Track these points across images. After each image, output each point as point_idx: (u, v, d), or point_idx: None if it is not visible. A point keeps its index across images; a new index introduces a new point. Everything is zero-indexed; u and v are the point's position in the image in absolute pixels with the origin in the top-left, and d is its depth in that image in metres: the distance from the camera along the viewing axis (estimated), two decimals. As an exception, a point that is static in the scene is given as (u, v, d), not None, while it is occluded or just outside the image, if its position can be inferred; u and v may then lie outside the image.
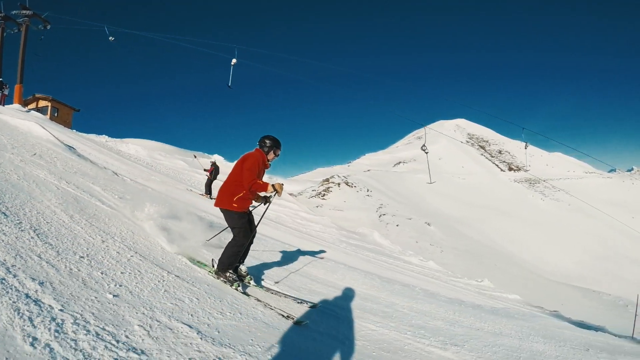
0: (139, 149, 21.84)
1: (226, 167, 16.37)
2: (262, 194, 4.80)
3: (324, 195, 38.51)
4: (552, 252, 55.87)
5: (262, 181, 4.39)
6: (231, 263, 4.42)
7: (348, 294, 6.06)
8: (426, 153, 13.57)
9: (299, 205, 17.78)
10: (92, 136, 25.20)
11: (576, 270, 52.66)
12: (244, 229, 4.47)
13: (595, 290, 39.30)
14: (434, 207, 55.20)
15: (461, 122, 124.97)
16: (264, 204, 4.86)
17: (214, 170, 14.60)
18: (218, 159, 21.31)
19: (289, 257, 7.63)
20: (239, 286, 4.29)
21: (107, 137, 25.75)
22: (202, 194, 14.04)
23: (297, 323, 3.84)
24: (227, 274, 4.39)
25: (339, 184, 42.01)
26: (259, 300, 4.13)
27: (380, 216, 33.09)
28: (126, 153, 20.47)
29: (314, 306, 4.42)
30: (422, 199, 57.52)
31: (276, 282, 5.38)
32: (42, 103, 32.56)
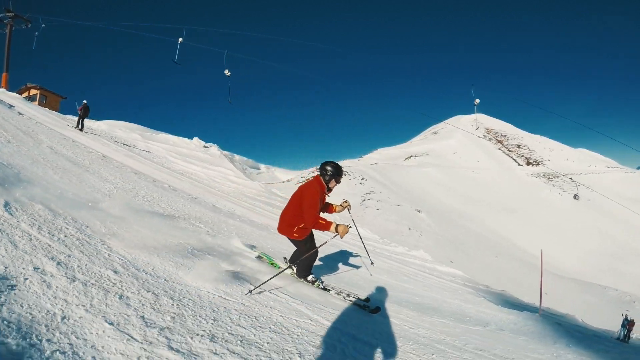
0: (102, 125, 22.23)
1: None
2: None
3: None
4: (563, 248, 53.19)
5: (325, 220, 4.38)
6: (308, 270, 4.99)
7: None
8: (227, 75, 13.16)
9: (235, 172, 17.63)
10: (69, 117, 25.84)
11: (586, 267, 49.97)
12: (311, 246, 4.82)
13: (600, 285, 37.13)
14: (436, 199, 53.66)
15: (479, 116, 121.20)
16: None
17: (83, 109, 18.39)
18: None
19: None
20: (319, 285, 4.97)
21: (82, 117, 26.21)
22: (74, 127, 17.86)
23: (373, 311, 4.57)
24: (309, 278, 5.00)
25: (330, 172, 41.28)
26: (338, 294, 4.89)
27: (363, 201, 32.25)
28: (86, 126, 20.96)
29: (368, 301, 4.84)
30: (425, 190, 56.01)
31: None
32: (32, 91, 34.64)
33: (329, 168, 4.57)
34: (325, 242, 4.80)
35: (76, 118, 19.42)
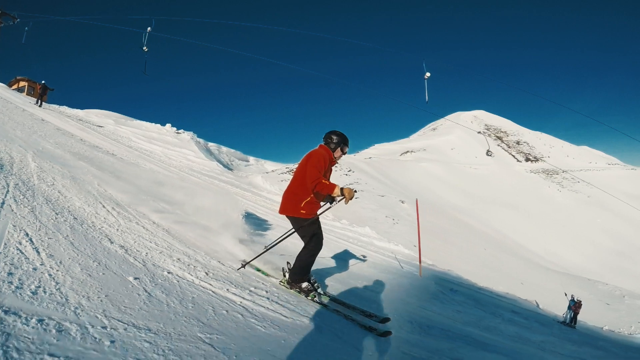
0: (79, 112, 22.71)
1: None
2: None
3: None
4: (561, 245, 52.84)
5: (329, 181, 3.84)
6: (305, 273, 4.04)
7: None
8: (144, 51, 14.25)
9: (196, 153, 18.03)
10: (54, 106, 26.44)
11: (586, 264, 49.42)
12: (316, 236, 4.00)
13: (590, 279, 36.80)
14: (428, 192, 53.55)
15: (479, 113, 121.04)
16: (330, 203, 4.25)
17: (42, 88, 20.46)
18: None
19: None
20: (314, 297, 3.96)
21: (66, 107, 26.71)
22: (35, 104, 19.34)
23: (382, 335, 3.41)
24: (303, 285, 4.03)
25: (316, 164, 41.55)
26: (338, 312, 3.74)
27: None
28: (63, 112, 21.43)
29: (385, 322, 3.78)
30: (417, 183, 56.00)
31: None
32: (21, 83, 36.00)
33: (334, 137, 4.08)
34: (328, 209, 4.17)
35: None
